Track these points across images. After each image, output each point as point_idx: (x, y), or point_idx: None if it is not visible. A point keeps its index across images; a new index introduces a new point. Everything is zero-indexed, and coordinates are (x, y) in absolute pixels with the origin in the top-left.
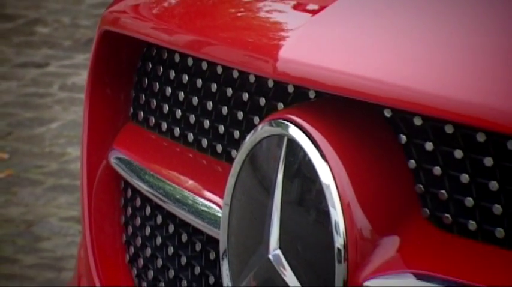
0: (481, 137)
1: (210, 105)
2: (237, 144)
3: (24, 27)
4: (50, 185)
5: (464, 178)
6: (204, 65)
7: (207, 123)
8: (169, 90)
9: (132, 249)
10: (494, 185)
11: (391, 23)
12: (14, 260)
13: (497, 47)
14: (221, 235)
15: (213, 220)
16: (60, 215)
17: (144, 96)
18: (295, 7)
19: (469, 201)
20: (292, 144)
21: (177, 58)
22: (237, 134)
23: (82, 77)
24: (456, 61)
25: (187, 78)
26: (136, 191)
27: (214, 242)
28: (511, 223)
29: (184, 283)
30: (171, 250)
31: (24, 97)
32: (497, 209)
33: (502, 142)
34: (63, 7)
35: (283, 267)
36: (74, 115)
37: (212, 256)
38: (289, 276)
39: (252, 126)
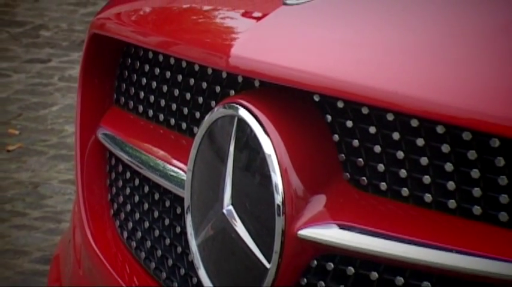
0: (390, 117)
1: (176, 92)
2: (198, 122)
3: (31, 31)
4: (52, 155)
5: (377, 149)
6: (172, 61)
7: (174, 106)
8: (144, 80)
9: (115, 206)
10: (400, 154)
11: (320, 27)
12: (23, 213)
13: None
14: (185, 194)
15: (179, 182)
16: (59, 178)
17: (124, 85)
18: (243, 14)
19: (381, 167)
20: (241, 122)
21: (150, 55)
22: (197, 114)
23: (77, 71)
24: (370, 56)
25: (158, 70)
26: (118, 160)
27: (180, 200)
28: (414, 184)
29: (157, 232)
30: (146, 206)
31: (31, 86)
32: (403, 173)
33: (407, 121)
34: (62, 15)
35: (235, 219)
36: (70, 100)
37: (178, 210)
38: (239, 227)
39: (209, 109)
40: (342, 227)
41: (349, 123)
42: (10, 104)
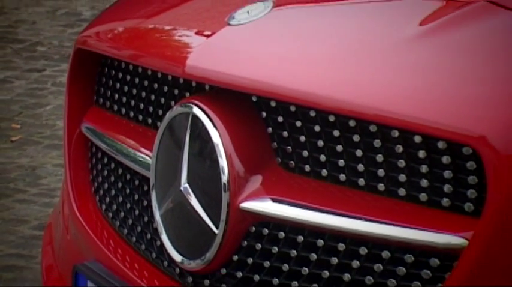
0: (312, 113)
1: (143, 94)
2: (161, 119)
3: (29, 47)
4: (46, 144)
5: (302, 139)
6: (140, 69)
7: (141, 106)
8: (118, 85)
9: (95, 184)
10: (320, 143)
11: (256, 42)
12: (24, 190)
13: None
14: (151, 175)
15: (146, 166)
16: (52, 162)
17: (102, 89)
18: (196, 33)
19: (305, 153)
20: (195, 118)
21: (123, 65)
22: (160, 112)
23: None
24: (295, 65)
25: (129, 77)
26: (98, 148)
27: (146, 179)
28: (331, 166)
29: (128, 205)
30: (120, 185)
31: (30, 90)
32: (323, 158)
33: (325, 116)
34: (54, 35)
35: (190, 195)
36: (61, 101)
37: (145, 188)
38: (193, 201)
39: (169, 107)
40: (274, 200)
41: (280, 119)
42: (13, 104)
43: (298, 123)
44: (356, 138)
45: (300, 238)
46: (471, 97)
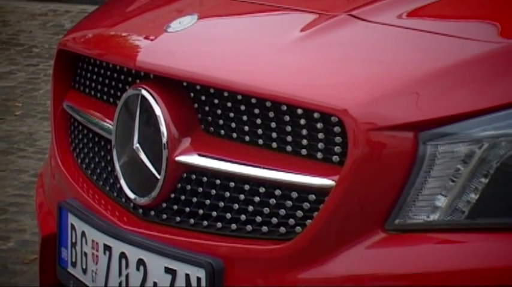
0: (225, 93)
1: (107, 81)
2: (119, 98)
3: (28, 49)
4: (40, 117)
5: (218, 112)
6: (104, 64)
7: (106, 89)
8: (89, 75)
9: (73, 144)
10: (232, 115)
11: (186, 44)
12: (24, 149)
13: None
14: (112, 138)
15: (109, 131)
16: (44, 130)
17: (78, 77)
18: (144, 38)
19: (221, 122)
20: (143, 98)
21: (92, 61)
22: (119, 93)
23: None
24: (214, 59)
25: (96, 69)
26: (75, 120)
27: (109, 141)
28: (239, 131)
29: (97, 159)
30: (91, 145)
31: (28, 79)
32: (233, 125)
33: (235, 96)
34: (45, 40)
35: (140, 151)
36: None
37: (108, 147)
38: (142, 156)
39: (125, 90)
40: (199, 155)
41: (203, 98)
42: (16, 89)
43: (216, 101)
44: (256, 111)
45: (218, 181)
46: (338, 83)
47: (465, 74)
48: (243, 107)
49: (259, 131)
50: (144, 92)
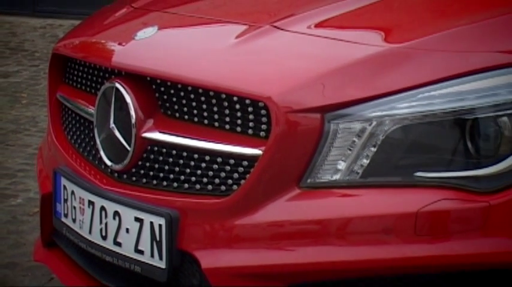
0: (179, 85)
1: (89, 77)
2: (99, 89)
3: (31, 53)
4: (41, 105)
5: (174, 99)
6: (87, 63)
7: (89, 83)
8: (76, 72)
9: (65, 125)
10: (184, 101)
11: (151, 48)
12: (28, 129)
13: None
14: (94, 119)
15: (91, 115)
16: (44, 115)
17: (68, 74)
18: (119, 43)
19: (176, 106)
20: (117, 90)
21: (78, 61)
22: (99, 86)
23: None
24: (172, 59)
25: (81, 68)
26: (66, 106)
27: (92, 122)
28: (190, 114)
29: (83, 136)
30: (78, 125)
31: (32, 76)
32: (185, 109)
33: (186, 87)
34: (44, 46)
35: (115, 130)
36: None
37: (91, 127)
38: (117, 133)
39: (103, 83)
40: (160, 132)
41: (163, 89)
42: (22, 84)
43: (172, 91)
44: (203, 98)
45: (174, 152)
46: (264, 77)
47: (358, 70)
48: (192, 96)
49: (205, 114)
50: (117, 85)
